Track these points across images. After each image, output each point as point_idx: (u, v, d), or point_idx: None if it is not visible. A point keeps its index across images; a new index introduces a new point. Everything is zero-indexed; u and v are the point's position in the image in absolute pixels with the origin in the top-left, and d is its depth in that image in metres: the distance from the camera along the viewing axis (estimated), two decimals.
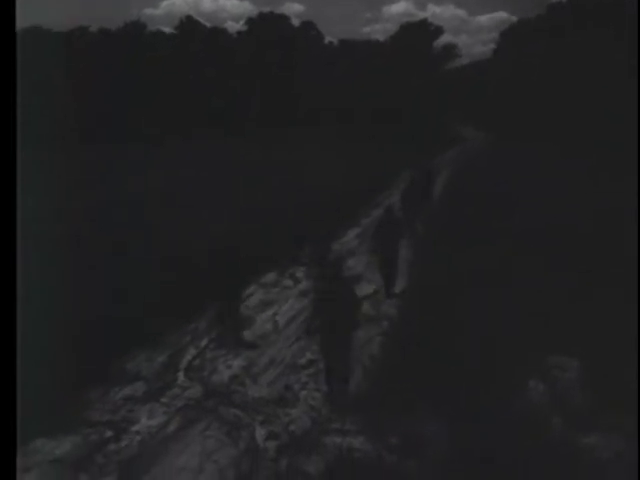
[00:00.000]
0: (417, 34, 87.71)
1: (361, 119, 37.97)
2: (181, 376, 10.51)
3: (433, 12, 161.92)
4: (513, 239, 16.01)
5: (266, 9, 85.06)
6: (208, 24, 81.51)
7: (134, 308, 11.72)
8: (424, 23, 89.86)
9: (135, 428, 8.96)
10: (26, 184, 17.48)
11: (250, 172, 25.33)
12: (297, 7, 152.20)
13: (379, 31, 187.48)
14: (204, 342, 11.89)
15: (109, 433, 8.85)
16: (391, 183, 27.08)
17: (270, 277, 15.61)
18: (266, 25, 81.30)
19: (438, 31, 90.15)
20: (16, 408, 4.33)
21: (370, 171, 27.86)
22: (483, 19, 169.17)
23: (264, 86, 55.92)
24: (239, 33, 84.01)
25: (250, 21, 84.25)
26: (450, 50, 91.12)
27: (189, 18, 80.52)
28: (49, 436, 8.64)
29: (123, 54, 57.83)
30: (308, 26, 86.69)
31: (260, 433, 8.91)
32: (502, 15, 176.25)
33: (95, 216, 18.94)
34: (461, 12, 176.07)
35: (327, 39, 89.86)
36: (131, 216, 19.40)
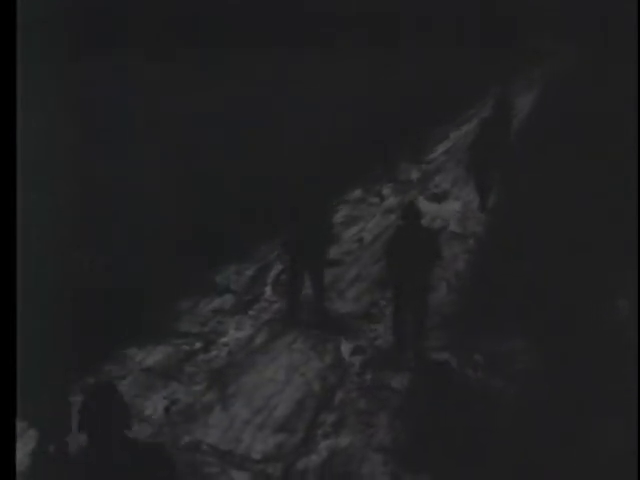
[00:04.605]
0: None
1: (444, 33, 36.80)
2: (268, 290, 10.66)
3: None
4: (607, 159, 15.42)
5: None
6: None
7: (224, 222, 11.83)
8: None
9: (224, 340, 9.17)
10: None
11: (328, 85, 24.93)
12: None
13: None
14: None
15: (199, 344, 9.07)
16: (479, 99, 26.36)
17: (356, 194, 15.55)
18: None
19: None
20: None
21: (456, 85, 27.15)
22: None
23: None
24: None
25: None
26: None
27: None
28: (141, 346, 8.93)
29: None
30: None
31: (346, 347, 9.01)
32: None
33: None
34: None
35: None
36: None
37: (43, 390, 6.29)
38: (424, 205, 14.83)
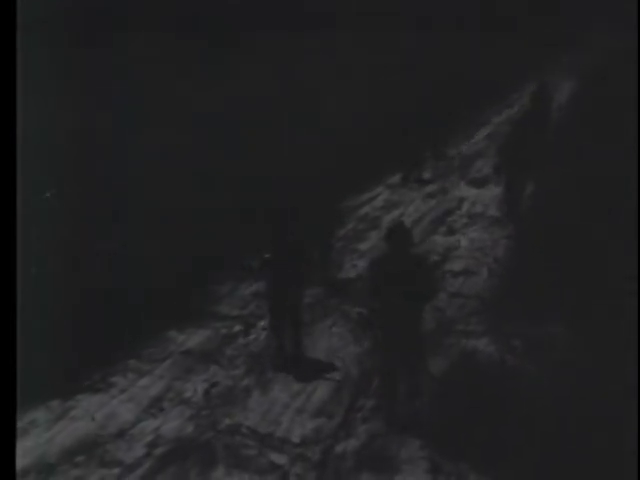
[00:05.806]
0: None
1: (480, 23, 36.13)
2: None
3: None
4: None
5: None
6: None
7: (261, 205, 11.83)
8: None
9: (263, 323, 9.21)
10: None
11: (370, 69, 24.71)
12: None
13: None
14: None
15: (238, 327, 9.15)
16: (519, 84, 26.04)
17: (396, 178, 15.48)
18: None
19: None
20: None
21: (496, 70, 26.84)
22: None
23: None
24: None
25: None
26: None
27: None
28: (181, 329, 9.02)
29: None
30: None
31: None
32: None
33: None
34: None
35: None
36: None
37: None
38: (465, 190, 14.78)
